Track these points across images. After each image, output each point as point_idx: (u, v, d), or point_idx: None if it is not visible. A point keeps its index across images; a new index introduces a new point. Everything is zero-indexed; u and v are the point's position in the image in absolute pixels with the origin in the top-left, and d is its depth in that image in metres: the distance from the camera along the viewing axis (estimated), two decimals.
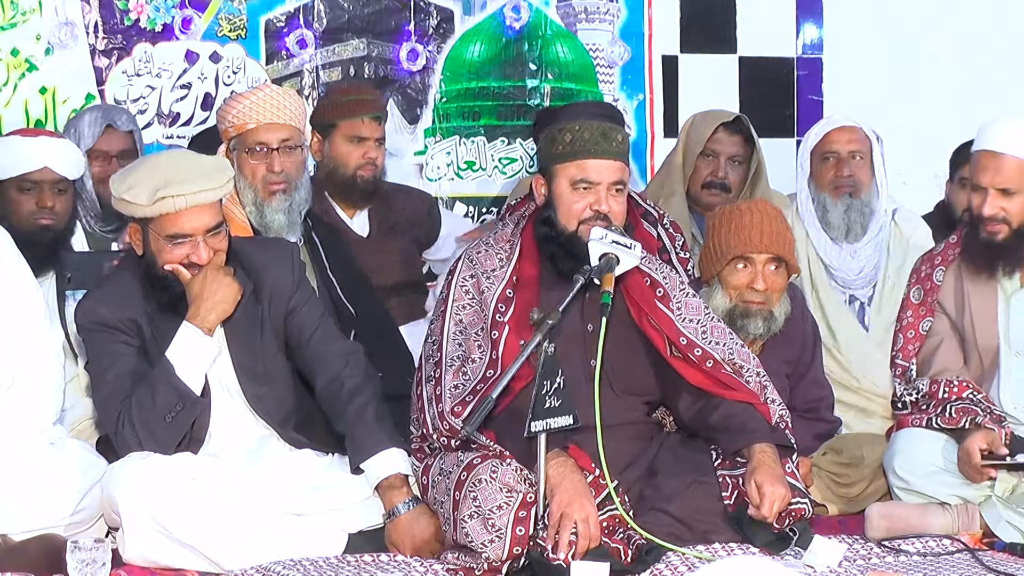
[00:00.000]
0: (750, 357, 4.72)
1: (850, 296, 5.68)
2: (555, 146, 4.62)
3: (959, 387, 4.83)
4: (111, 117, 5.72)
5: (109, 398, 4.53)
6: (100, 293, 4.63)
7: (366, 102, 5.72)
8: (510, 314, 4.55)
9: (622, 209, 4.64)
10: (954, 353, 4.95)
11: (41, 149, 5.13)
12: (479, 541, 4.23)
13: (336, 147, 5.68)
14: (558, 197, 4.61)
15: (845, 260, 5.65)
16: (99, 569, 4.02)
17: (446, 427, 4.43)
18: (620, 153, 4.63)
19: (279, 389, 4.67)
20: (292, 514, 4.49)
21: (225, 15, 6.46)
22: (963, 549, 4.57)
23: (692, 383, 4.61)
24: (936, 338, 4.97)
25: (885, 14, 7.12)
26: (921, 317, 5.01)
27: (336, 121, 5.67)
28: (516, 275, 4.64)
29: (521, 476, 4.30)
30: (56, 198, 5.13)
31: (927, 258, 5.10)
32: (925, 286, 5.02)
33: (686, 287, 4.78)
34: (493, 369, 4.46)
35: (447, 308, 4.63)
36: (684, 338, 4.61)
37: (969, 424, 4.72)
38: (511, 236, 4.74)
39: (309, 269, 5.14)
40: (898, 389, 4.97)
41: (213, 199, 4.48)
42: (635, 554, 4.35)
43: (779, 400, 4.68)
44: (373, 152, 5.68)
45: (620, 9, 6.92)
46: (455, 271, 4.70)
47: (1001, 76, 7.10)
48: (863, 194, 5.63)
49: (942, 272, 5.00)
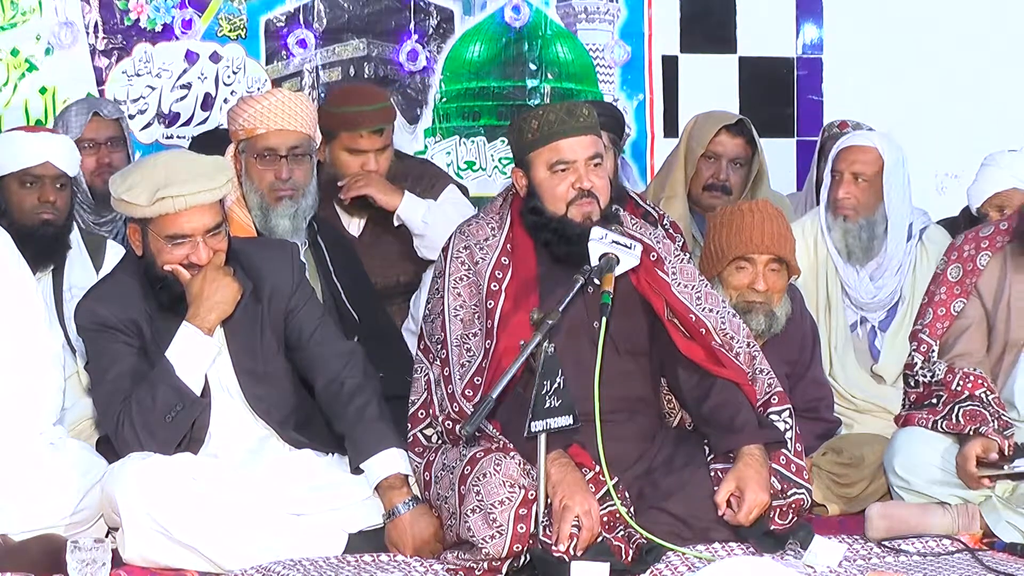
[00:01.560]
0: (740, 328, 4.70)
1: (861, 317, 5.58)
2: (524, 135, 4.60)
3: (974, 382, 4.78)
4: (96, 106, 5.76)
5: (109, 398, 4.53)
6: (100, 293, 4.63)
7: (366, 115, 5.58)
8: (506, 282, 4.55)
9: (605, 183, 4.61)
10: (980, 340, 4.90)
11: (43, 144, 5.15)
12: (480, 536, 4.24)
13: (336, 155, 5.60)
14: (539, 184, 4.59)
15: (863, 282, 5.52)
16: (99, 569, 4.02)
17: (456, 409, 4.42)
18: (590, 127, 4.59)
19: (279, 389, 4.67)
20: (292, 514, 4.49)
21: (225, 15, 6.46)
22: (963, 549, 4.56)
23: (683, 353, 4.59)
24: (965, 321, 4.91)
25: (885, 14, 7.12)
26: (955, 296, 4.94)
27: (336, 132, 5.58)
28: (509, 243, 4.62)
29: (525, 470, 4.30)
30: (57, 193, 5.14)
31: (972, 238, 5.01)
32: (966, 267, 4.95)
33: (680, 253, 4.76)
34: (490, 340, 4.45)
35: (445, 284, 4.61)
36: (679, 303, 4.60)
37: (973, 432, 4.69)
38: (500, 208, 4.73)
39: (313, 272, 5.14)
40: (916, 364, 4.91)
41: (213, 199, 4.48)
42: (635, 554, 4.35)
43: (768, 370, 4.65)
44: (372, 163, 5.57)
45: (620, 9, 6.92)
46: (448, 246, 4.68)
47: (1001, 76, 7.10)
48: (863, 217, 5.46)
49: (987, 257, 4.94)
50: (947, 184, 6.95)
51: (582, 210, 4.55)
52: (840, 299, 5.53)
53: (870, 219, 5.48)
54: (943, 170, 6.39)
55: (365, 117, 5.58)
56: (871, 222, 5.48)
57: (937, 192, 6.78)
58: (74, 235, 5.27)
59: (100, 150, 5.66)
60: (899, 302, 5.52)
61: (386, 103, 5.73)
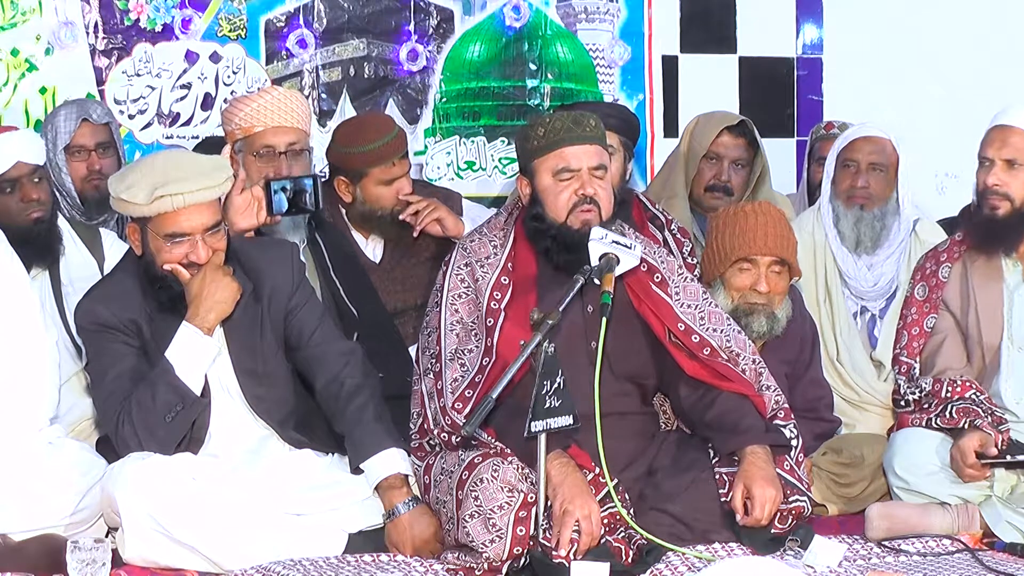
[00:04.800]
0: (746, 344, 4.71)
1: (862, 307, 5.61)
2: (530, 142, 4.62)
3: (962, 387, 4.82)
4: (85, 111, 5.66)
5: (109, 398, 4.53)
6: (100, 293, 4.63)
7: (390, 145, 5.53)
8: (506, 301, 4.55)
9: (608, 194, 4.62)
10: (958, 351, 4.96)
11: (9, 146, 5.05)
12: (480, 541, 4.23)
13: (369, 192, 5.52)
14: (543, 191, 4.61)
15: (861, 271, 5.55)
16: (99, 569, 4.02)
17: (447, 422, 4.43)
18: (596, 137, 4.61)
19: (279, 389, 4.67)
20: (292, 514, 4.49)
21: (225, 15, 6.46)
22: (963, 549, 4.57)
23: (689, 374, 4.61)
24: (940, 335, 4.97)
25: (885, 14, 7.12)
26: (925, 314, 5.01)
27: (367, 170, 5.52)
28: (511, 262, 4.63)
29: (522, 475, 4.30)
30: (37, 188, 5.07)
31: (932, 255, 5.10)
32: (930, 283, 5.03)
33: (684, 271, 4.77)
34: (489, 357, 4.46)
35: (443, 298, 4.63)
36: (682, 324, 4.61)
37: (968, 425, 4.72)
38: (504, 224, 4.74)
39: (312, 270, 5.13)
40: (901, 387, 4.97)
41: (211, 197, 4.48)
42: (636, 554, 4.35)
43: (774, 386, 4.67)
44: (406, 188, 5.55)
45: (620, 9, 6.92)
46: (450, 261, 4.70)
47: (1001, 76, 7.10)
48: (877, 207, 5.52)
49: (948, 268, 5.01)
50: (947, 184, 6.95)
51: (581, 217, 4.56)
52: (840, 289, 5.55)
53: (883, 208, 5.54)
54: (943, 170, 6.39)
55: (389, 148, 5.54)
56: (884, 212, 5.54)
57: (937, 192, 6.78)
58: (66, 230, 5.24)
59: (90, 157, 5.58)
60: (896, 290, 5.55)
61: (398, 126, 5.69)
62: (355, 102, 6.64)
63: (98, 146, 5.62)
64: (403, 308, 5.62)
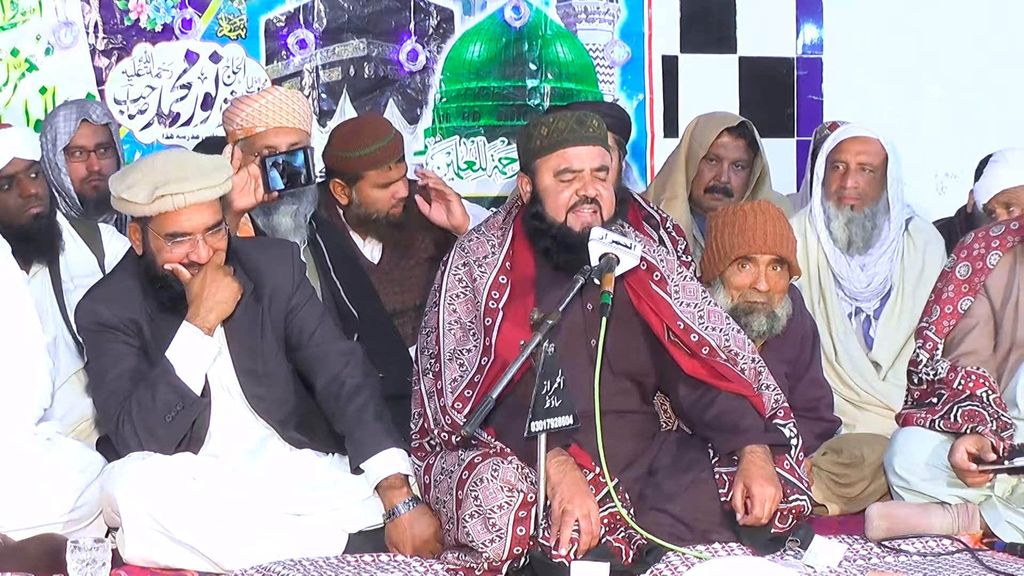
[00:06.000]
0: (745, 343, 4.71)
1: (856, 308, 5.60)
2: (533, 141, 4.62)
3: (976, 381, 4.75)
4: (85, 111, 5.67)
5: (109, 398, 4.53)
6: (100, 293, 4.63)
7: (387, 148, 5.56)
8: (503, 300, 4.55)
9: (610, 195, 4.63)
10: (986, 340, 4.88)
11: (4, 143, 5.06)
12: (479, 541, 4.23)
13: (365, 194, 5.55)
14: (544, 191, 4.61)
15: (854, 272, 5.55)
16: (99, 569, 4.02)
17: (448, 421, 4.42)
18: (598, 138, 4.62)
19: (279, 389, 4.67)
20: (292, 514, 4.49)
21: (225, 15, 6.46)
22: (963, 549, 4.56)
23: (688, 373, 4.61)
24: (972, 320, 4.89)
25: (885, 14, 7.12)
26: (963, 295, 4.92)
27: (363, 173, 5.54)
28: (509, 261, 4.63)
29: (522, 474, 4.30)
30: (34, 183, 5.08)
31: (983, 236, 4.99)
32: (975, 265, 4.93)
33: (683, 270, 4.77)
34: (487, 357, 4.46)
35: (441, 298, 4.63)
36: (681, 322, 4.61)
37: (970, 431, 4.68)
38: (503, 224, 4.74)
39: (312, 270, 5.14)
40: (921, 361, 4.89)
41: (212, 197, 4.48)
42: (636, 554, 4.35)
43: (774, 385, 4.67)
44: (402, 191, 5.57)
45: (620, 9, 6.92)
46: (448, 261, 4.70)
47: (1001, 76, 7.10)
48: (867, 207, 5.52)
49: (997, 256, 4.92)
50: (947, 184, 6.95)
51: (581, 218, 4.56)
52: (834, 290, 5.55)
53: (873, 208, 5.53)
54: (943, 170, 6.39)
55: (386, 152, 5.56)
56: (874, 212, 5.53)
57: (937, 192, 6.78)
58: (65, 227, 5.24)
59: (90, 157, 5.59)
60: (890, 291, 5.54)
61: (394, 129, 5.71)
62: (355, 102, 6.64)
63: (98, 147, 5.62)
64: (402, 309, 5.63)
